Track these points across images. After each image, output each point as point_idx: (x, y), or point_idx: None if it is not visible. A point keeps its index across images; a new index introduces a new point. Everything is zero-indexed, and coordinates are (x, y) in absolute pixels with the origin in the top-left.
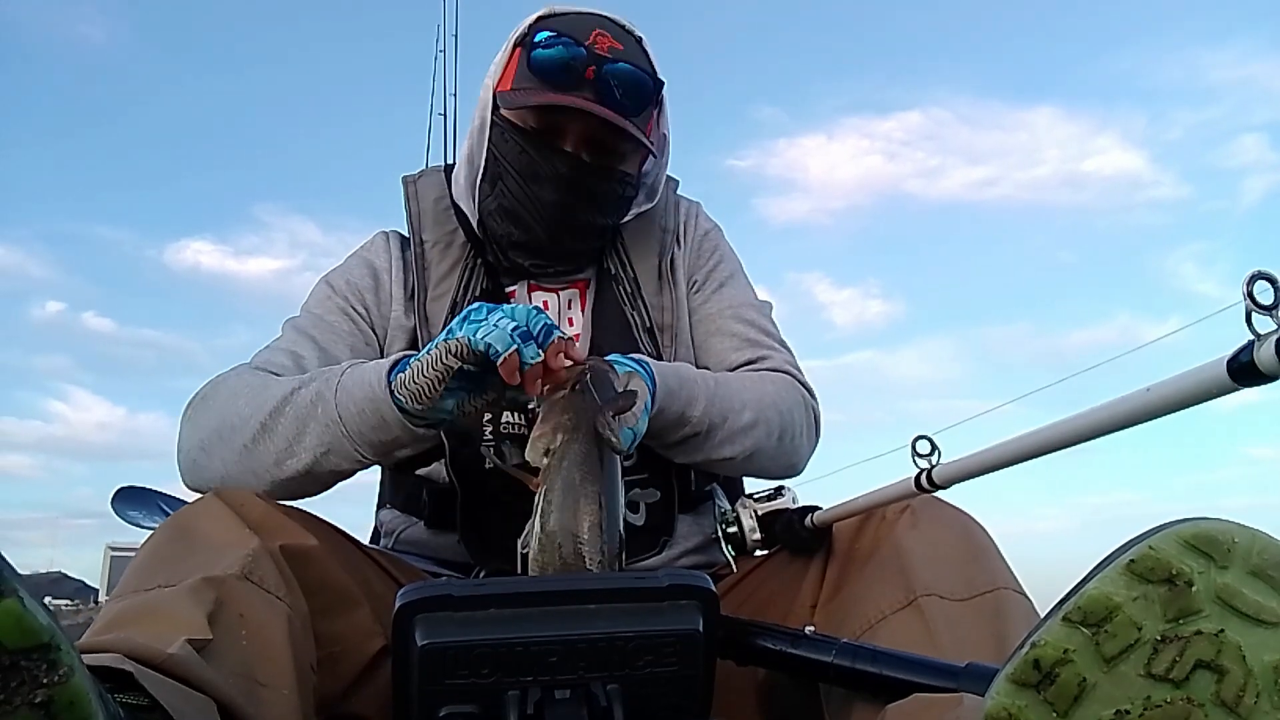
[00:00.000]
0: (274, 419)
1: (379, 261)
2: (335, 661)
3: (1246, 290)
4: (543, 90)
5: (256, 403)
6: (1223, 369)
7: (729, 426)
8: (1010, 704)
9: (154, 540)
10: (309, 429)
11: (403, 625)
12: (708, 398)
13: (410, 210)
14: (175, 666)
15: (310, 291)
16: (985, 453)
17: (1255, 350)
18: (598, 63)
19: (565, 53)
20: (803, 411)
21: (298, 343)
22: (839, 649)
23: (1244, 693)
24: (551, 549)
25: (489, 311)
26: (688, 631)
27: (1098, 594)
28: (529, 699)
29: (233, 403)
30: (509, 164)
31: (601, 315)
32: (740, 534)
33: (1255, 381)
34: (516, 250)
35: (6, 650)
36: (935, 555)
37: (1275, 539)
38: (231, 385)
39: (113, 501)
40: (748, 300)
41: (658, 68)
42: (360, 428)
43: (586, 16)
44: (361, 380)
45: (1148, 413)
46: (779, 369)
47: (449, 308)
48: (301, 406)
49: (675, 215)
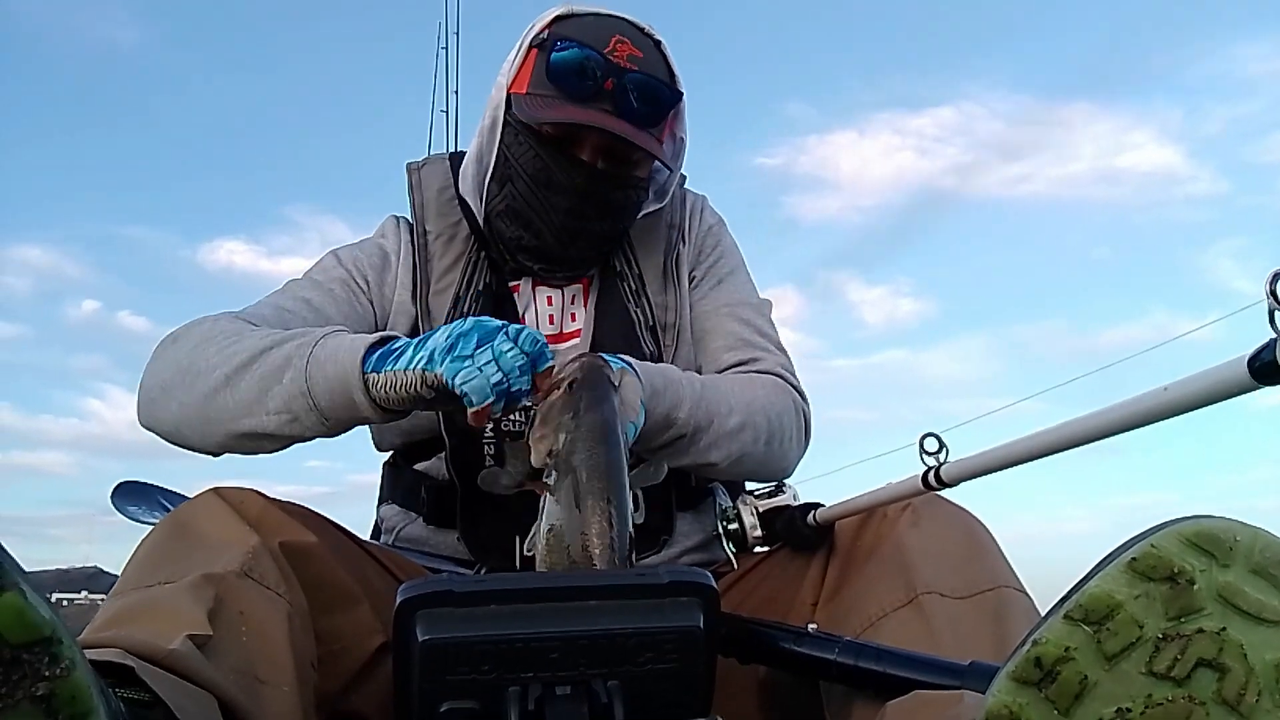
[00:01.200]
0: (240, 373)
1: (389, 244)
2: (335, 659)
3: (1270, 289)
4: (561, 101)
5: (227, 352)
6: (1244, 368)
7: (715, 430)
8: (1011, 701)
9: (154, 537)
10: (273, 391)
11: (404, 621)
12: (694, 400)
13: (414, 200)
14: (176, 662)
15: (317, 260)
16: (994, 451)
17: (1278, 349)
18: (617, 74)
19: (585, 62)
20: (793, 416)
21: (289, 302)
22: (842, 647)
23: (1245, 691)
24: (559, 551)
25: (479, 344)
26: (688, 628)
27: (1099, 592)
28: (530, 695)
29: (203, 348)
30: (521, 167)
31: (604, 312)
32: (741, 531)
33: (1278, 380)
34: (524, 253)
35: (8, 644)
36: (936, 553)
37: (1277, 537)
38: (205, 329)
39: (112, 496)
40: (746, 299)
41: (676, 70)
42: (329, 402)
43: (606, 19)
44: (335, 355)
45: (1165, 411)
46: (771, 371)
47: (451, 302)
48: (270, 366)
49: (681, 209)
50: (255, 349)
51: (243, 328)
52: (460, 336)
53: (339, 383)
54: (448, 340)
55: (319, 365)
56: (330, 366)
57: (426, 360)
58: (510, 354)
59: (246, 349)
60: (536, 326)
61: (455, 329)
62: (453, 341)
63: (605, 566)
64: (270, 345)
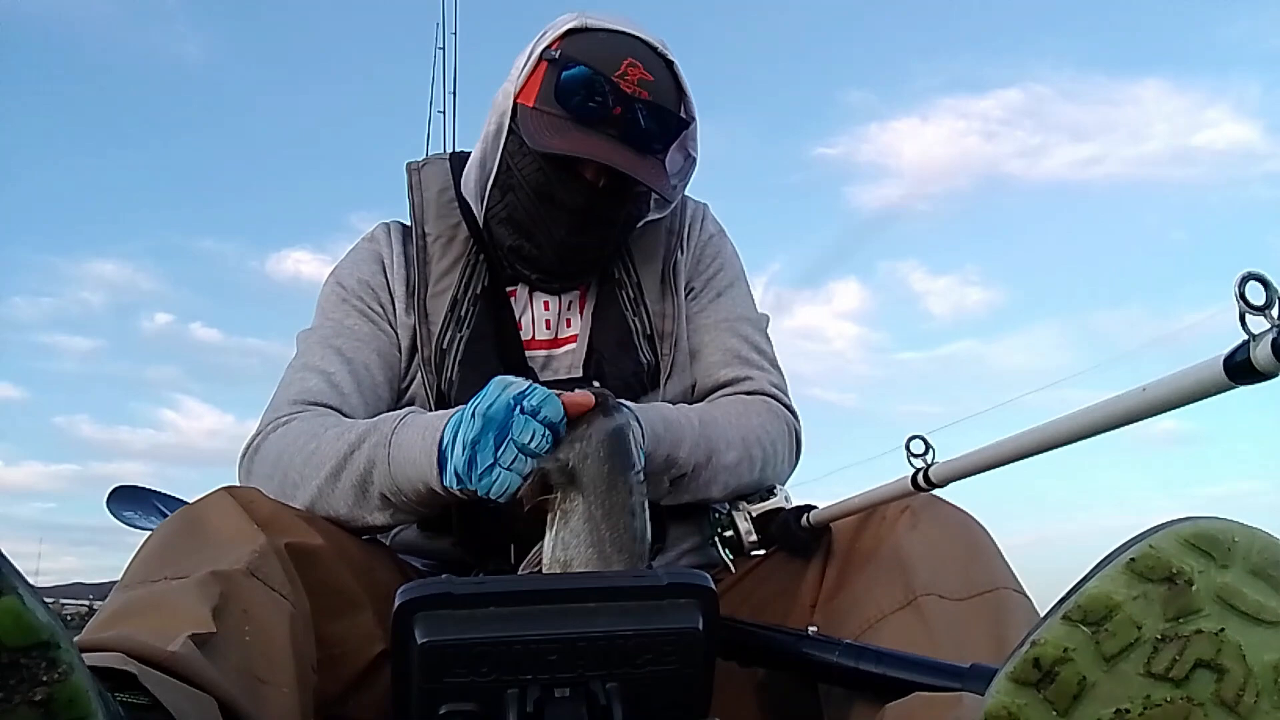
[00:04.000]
0: (331, 484)
1: (383, 253)
2: (336, 663)
3: (1239, 292)
4: (567, 124)
5: (312, 465)
6: (1219, 368)
7: (714, 465)
8: (1010, 702)
9: (162, 532)
10: (370, 494)
11: (402, 623)
12: (693, 439)
13: (413, 200)
14: (177, 664)
15: (322, 292)
16: (981, 452)
17: (1251, 350)
18: (625, 101)
19: (594, 86)
20: (786, 440)
21: (325, 358)
22: (843, 650)
23: (1244, 692)
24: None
25: (498, 444)
26: (687, 630)
27: (1098, 593)
28: (528, 697)
29: (287, 462)
30: (524, 178)
31: (601, 319)
32: (737, 536)
33: (1252, 380)
34: (523, 262)
35: (6, 648)
36: (935, 555)
37: (1276, 538)
38: (280, 443)
39: (108, 501)
40: (745, 314)
41: (689, 92)
42: (418, 500)
43: (619, 38)
44: (412, 461)
45: (1144, 411)
46: (763, 391)
47: (449, 305)
48: (357, 474)
49: (681, 216)
50: (337, 456)
51: (314, 427)
52: (474, 445)
53: (424, 487)
54: (465, 454)
55: (402, 473)
56: (411, 470)
57: (455, 481)
58: (534, 441)
59: (329, 456)
60: (532, 332)
61: (465, 434)
62: (470, 455)
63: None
64: (348, 451)
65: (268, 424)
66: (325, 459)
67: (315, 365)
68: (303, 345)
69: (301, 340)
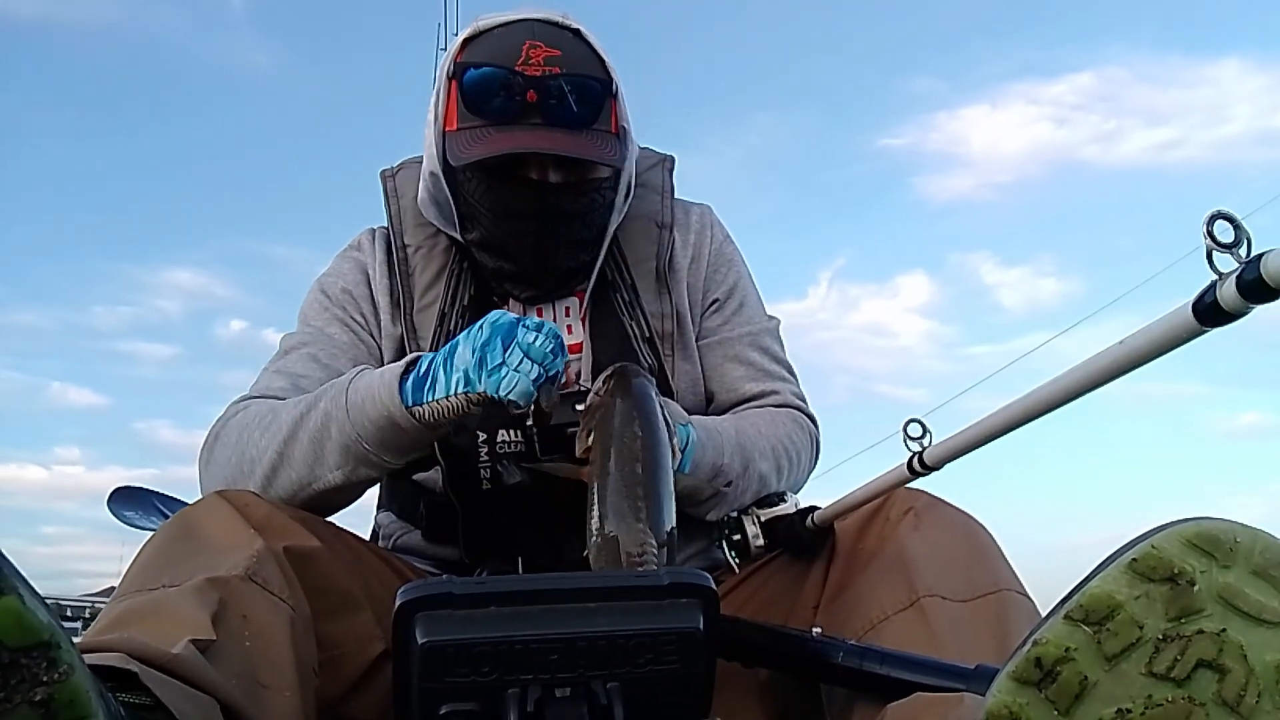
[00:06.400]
0: (289, 446)
1: (367, 262)
2: (336, 664)
3: (1207, 229)
4: (487, 130)
5: (270, 432)
6: (1189, 313)
7: (750, 474)
8: (1011, 701)
9: (158, 539)
10: (327, 449)
11: (403, 623)
12: (732, 446)
13: (390, 209)
14: (179, 666)
15: (306, 298)
16: (972, 428)
17: (1219, 289)
18: (535, 85)
19: (499, 82)
20: (809, 449)
21: (300, 363)
22: (847, 651)
23: (1245, 692)
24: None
25: (505, 346)
26: (688, 629)
27: (1099, 592)
28: (529, 697)
29: (245, 436)
30: (478, 203)
31: (600, 328)
32: (744, 540)
33: (1221, 321)
34: (510, 282)
35: (6, 648)
36: (937, 556)
37: (1277, 539)
38: (240, 421)
39: (108, 502)
40: (764, 326)
41: (605, 56)
42: (380, 441)
43: (514, 26)
44: (373, 397)
45: (1124, 365)
46: (788, 404)
47: (437, 319)
48: (314, 429)
49: (671, 210)
50: (294, 418)
51: (274, 406)
52: (484, 346)
53: (385, 422)
54: (474, 355)
55: (360, 411)
56: (371, 409)
57: (463, 382)
58: (539, 343)
59: (286, 422)
60: None
61: (476, 339)
62: (480, 355)
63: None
64: (305, 410)
65: (227, 414)
66: (283, 424)
67: (288, 369)
68: (281, 348)
69: (282, 343)
